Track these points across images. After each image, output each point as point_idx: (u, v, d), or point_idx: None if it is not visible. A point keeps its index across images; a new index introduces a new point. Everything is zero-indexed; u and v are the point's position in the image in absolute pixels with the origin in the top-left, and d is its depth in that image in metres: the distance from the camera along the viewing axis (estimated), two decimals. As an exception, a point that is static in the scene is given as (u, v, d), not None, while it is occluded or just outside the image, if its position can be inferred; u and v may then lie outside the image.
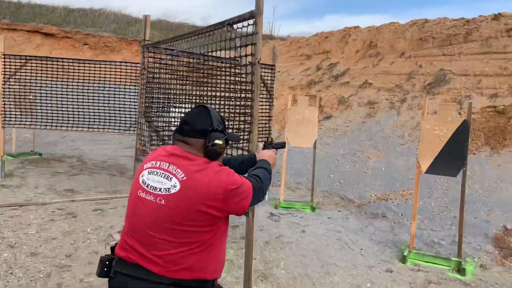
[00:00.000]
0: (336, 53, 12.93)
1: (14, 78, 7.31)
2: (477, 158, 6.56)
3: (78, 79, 7.57)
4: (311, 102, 8.44)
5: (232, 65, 3.11)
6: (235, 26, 2.85)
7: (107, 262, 1.66)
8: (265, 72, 6.81)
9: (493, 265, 4.42)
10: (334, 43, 13.27)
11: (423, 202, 6.01)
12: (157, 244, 1.56)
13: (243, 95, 2.91)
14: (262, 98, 6.96)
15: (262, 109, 6.71)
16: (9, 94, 7.24)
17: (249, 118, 2.68)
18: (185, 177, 1.59)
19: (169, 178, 1.60)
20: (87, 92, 7.58)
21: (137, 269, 1.58)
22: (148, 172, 1.67)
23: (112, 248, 1.72)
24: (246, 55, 2.73)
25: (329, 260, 4.38)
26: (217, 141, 1.69)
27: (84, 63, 7.55)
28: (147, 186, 1.64)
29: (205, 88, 3.70)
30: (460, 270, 4.19)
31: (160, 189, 1.60)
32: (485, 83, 7.85)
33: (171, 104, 4.40)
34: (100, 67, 7.58)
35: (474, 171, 6.23)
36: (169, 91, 4.36)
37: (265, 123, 6.80)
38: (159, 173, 1.64)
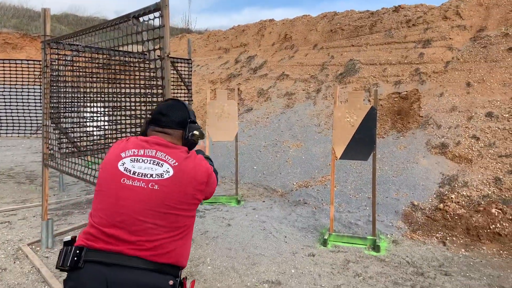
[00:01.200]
0: (253, 46, 13.09)
1: None
2: (386, 141, 7.06)
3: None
4: (230, 96, 8.45)
5: (142, 60, 2.98)
6: (141, 19, 2.74)
7: (77, 251, 1.55)
8: (181, 66, 6.68)
9: (404, 240, 4.80)
10: (250, 36, 13.41)
11: (340, 186, 6.34)
12: (148, 230, 1.56)
13: (155, 91, 2.81)
14: (181, 93, 6.83)
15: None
16: None
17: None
18: (176, 163, 1.66)
19: (159, 164, 1.64)
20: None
21: (119, 256, 1.54)
22: (131, 160, 1.66)
23: (68, 242, 1.62)
24: (154, 49, 2.63)
25: (255, 251, 4.44)
26: (195, 132, 1.82)
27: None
28: (134, 174, 1.63)
29: (115, 85, 3.52)
30: (375, 247, 4.49)
31: (151, 175, 1.62)
32: (390, 71, 8.46)
33: (80, 103, 4.12)
34: (-2, 66, 6.90)
35: (384, 154, 6.70)
36: (76, 90, 4.08)
37: (185, 119, 6.67)
38: (146, 160, 1.66)
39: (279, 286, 3.64)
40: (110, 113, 3.77)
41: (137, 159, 1.67)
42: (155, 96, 2.75)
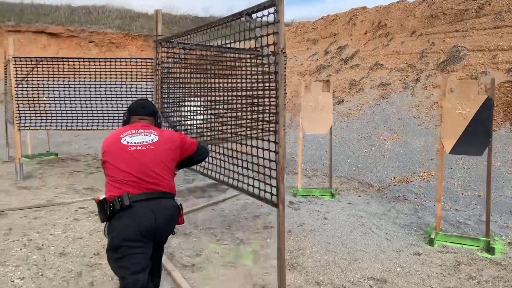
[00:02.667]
0: (344, 35, 12.75)
1: (26, 81, 7.31)
2: (498, 135, 6.44)
3: (89, 78, 7.54)
4: (323, 88, 8.35)
5: (253, 56, 3.05)
6: (254, 15, 2.80)
7: (119, 199, 2.27)
8: (276, 59, 6.74)
9: (522, 243, 4.37)
10: (341, 26, 13.08)
11: (445, 182, 5.94)
12: (158, 173, 2.42)
13: (267, 85, 2.86)
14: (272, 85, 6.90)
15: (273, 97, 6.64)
16: (22, 97, 7.25)
17: (274, 108, 2.64)
18: (157, 133, 2.59)
19: (148, 135, 2.54)
20: (98, 90, 7.55)
21: (150, 193, 2.36)
22: (129, 137, 2.49)
23: (103, 199, 2.33)
24: (268, 45, 2.67)
25: (355, 246, 4.36)
26: (162, 118, 3.01)
27: (92, 61, 7.52)
28: (135, 143, 2.46)
29: (225, 81, 3.66)
30: (489, 250, 4.14)
31: (146, 141, 2.49)
32: (501, 58, 7.68)
33: (189, 98, 4.36)
34: (110, 65, 7.55)
35: (496, 148, 6.12)
36: (186, 86, 4.32)
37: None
38: (139, 135, 2.52)
39: (385, 284, 3.53)
40: (221, 107, 3.93)
41: (133, 135, 2.50)
42: (267, 89, 2.80)
